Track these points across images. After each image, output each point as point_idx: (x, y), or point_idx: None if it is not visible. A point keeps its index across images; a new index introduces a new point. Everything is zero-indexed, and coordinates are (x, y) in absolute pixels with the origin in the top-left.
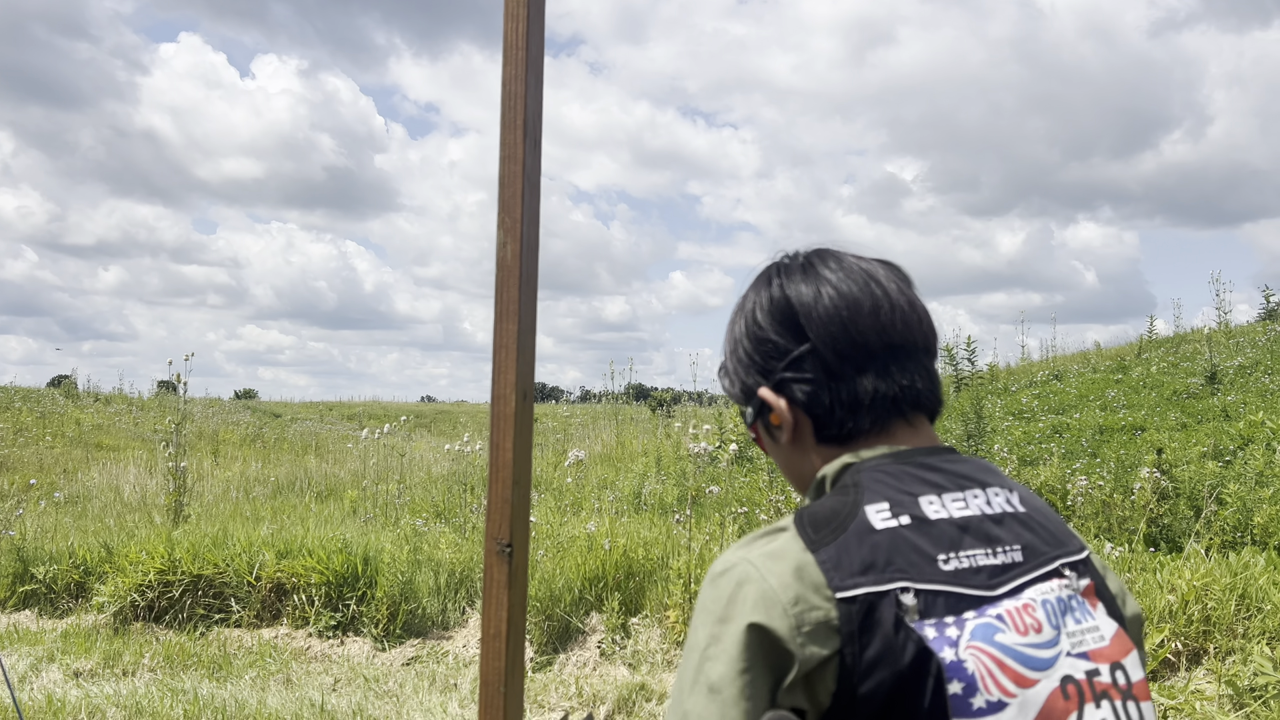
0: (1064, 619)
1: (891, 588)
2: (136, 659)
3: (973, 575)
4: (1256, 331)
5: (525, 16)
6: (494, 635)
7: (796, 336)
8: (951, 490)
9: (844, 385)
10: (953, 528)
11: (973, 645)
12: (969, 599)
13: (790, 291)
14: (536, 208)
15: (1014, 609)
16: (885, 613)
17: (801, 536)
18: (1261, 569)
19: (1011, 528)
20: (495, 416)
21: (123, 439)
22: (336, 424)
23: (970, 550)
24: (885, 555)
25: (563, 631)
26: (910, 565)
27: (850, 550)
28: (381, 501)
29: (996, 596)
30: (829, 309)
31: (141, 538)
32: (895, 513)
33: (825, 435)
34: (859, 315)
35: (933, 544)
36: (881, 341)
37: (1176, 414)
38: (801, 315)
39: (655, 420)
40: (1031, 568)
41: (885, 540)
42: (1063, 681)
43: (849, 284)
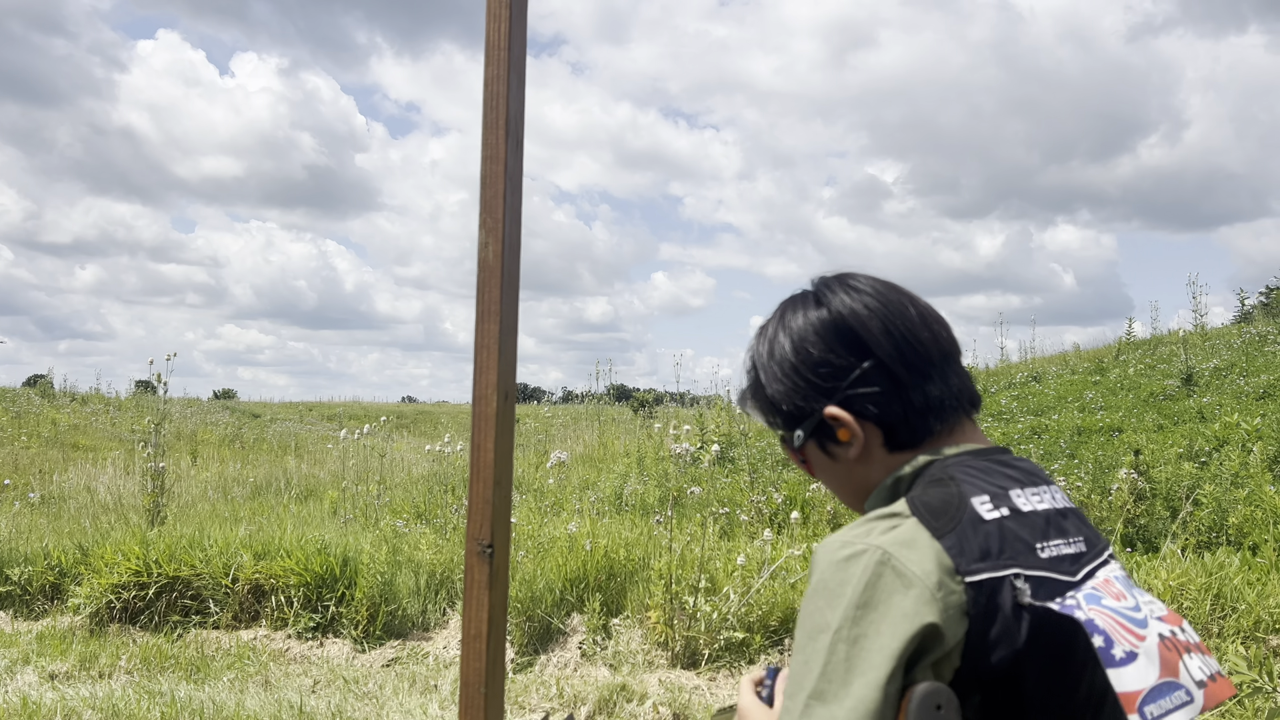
0: (1130, 591)
1: (1006, 573)
2: (113, 661)
3: (1060, 563)
4: (1232, 334)
5: (508, 17)
6: (475, 636)
7: (859, 353)
8: (1029, 485)
9: (913, 393)
10: (1040, 519)
11: (1093, 609)
12: (1062, 584)
13: (841, 311)
14: (518, 208)
15: (1100, 583)
16: (1004, 596)
17: (925, 525)
18: (1236, 569)
19: (1073, 521)
20: (477, 417)
21: (100, 439)
22: (316, 424)
23: (1055, 540)
24: (997, 544)
25: (544, 632)
26: (1018, 553)
27: (968, 538)
28: (361, 502)
29: (1079, 581)
30: (885, 322)
31: (118, 539)
32: (996, 505)
33: (896, 443)
34: (912, 325)
35: (1030, 534)
36: (937, 349)
37: (1153, 415)
38: (861, 332)
39: (637, 421)
40: (1093, 556)
41: (995, 530)
42: (1159, 638)
43: (889, 298)
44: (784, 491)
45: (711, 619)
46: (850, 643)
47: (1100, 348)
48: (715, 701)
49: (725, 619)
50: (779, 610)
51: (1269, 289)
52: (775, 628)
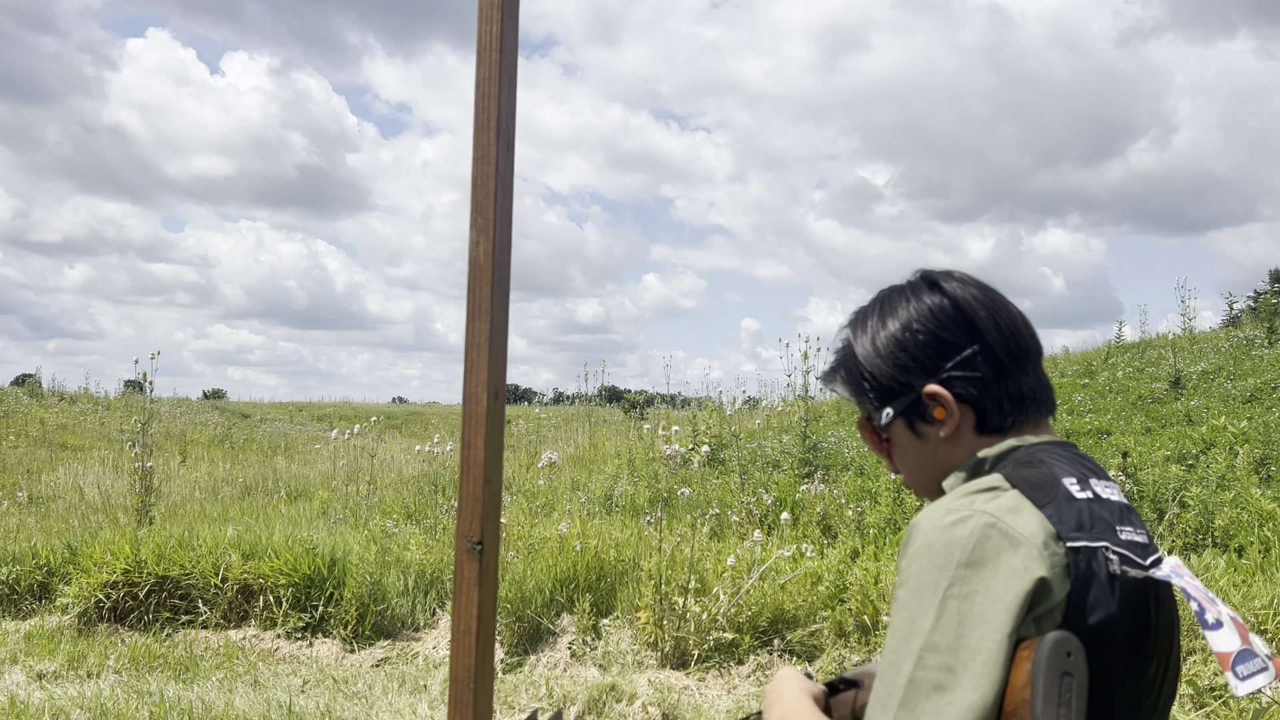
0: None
1: (1099, 545)
2: (101, 660)
3: (1134, 548)
4: (1220, 337)
5: (499, 19)
6: (464, 632)
7: (970, 336)
8: (1100, 477)
9: (1011, 381)
10: (1116, 507)
11: (1183, 580)
12: (1138, 566)
13: (954, 297)
14: (509, 208)
15: (1176, 565)
16: (1099, 565)
17: (1025, 494)
18: (1222, 570)
19: (1135, 515)
20: (467, 415)
21: (88, 439)
22: (306, 425)
23: (1129, 527)
24: (1089, 520)
25: (533, 633)
26: (1106, 531)
27: (1064, 511)
28: (351, 503)
29: (1148, 566)
30: (992, 312)
31: (106, 538)
32: (1083, 487)
33: (988, 427)
34: (1016, 321)
35: (1110, 517)
36: (1034, 345)
37: (1142, 418)
38: (974, 317)
39: (628, 422)
40: (1154, 550)
41: (1085, 508)
42: (1229, 617)
43: (995, 294)
44: (774, 493)
45: (701, 619)
46: (962, 599)
47: (1089, 351)
48: (704, 702)
49: (715, 620)
50: (768, 611)
51: (1257, 293)
52: (764, 628)
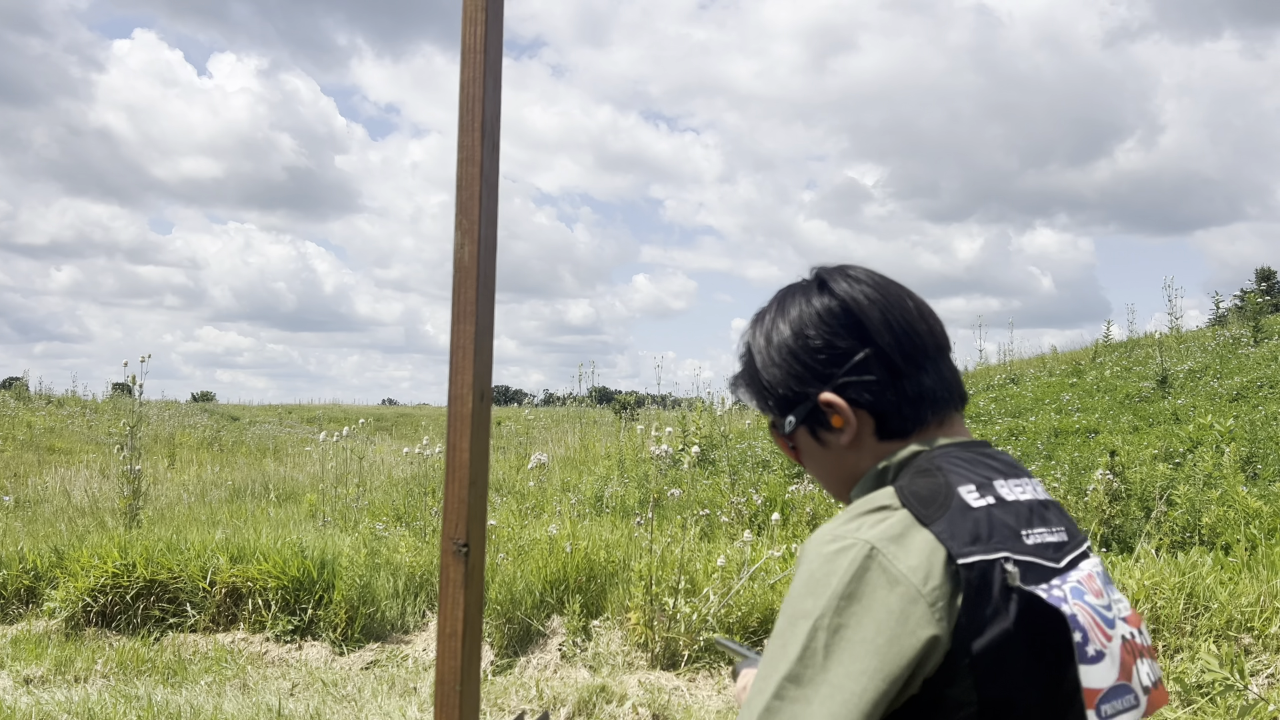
0: (1107, 589)
1: (997, 556)
2: (89, 665)
3: (1044, 550)
4: (1206, 336)
5: (484, 20)
6: (450, 634)
7: (859, 340)
8: (1011, 476)
9: (908, 383)
10: (1024, 509)
11: (1077, 602)
12: (1047, 570)
13: (844, 298)
14: (494, 209)
15: (1084, 577)
16: (994, 578)
17: (914, 513)
18: (1209, 569)
19: (1054, 512)
20: (452, 417)
21: (76, 442)
22: (296, 427)
23: (1038, 528)
24: (986, 529)
25: (523, 634)
26: (1005, 539)
27: (958, 523)
28: (340, 505)
29: (1063, 569)
30: (885, 312)
31: (94, 542)
32: (982, 493)
33: (887, 431)
34: (911, 317)
35: (1015, 521)
36: (933, 341)
37: (1129, 417)
38: (863, 319)
39: (619, 423)
40: (1074, 547)
41: (982, 517)
42: (1122, 641)
43: (888, 290)
44: (764, 493)
45: (691, 620)
46: (831, 631)
47: (1077, 350)
48: (694, 703)
49: (705, 620)
50: (759, 611)
51: (1243, 292)
52: (755, 629)
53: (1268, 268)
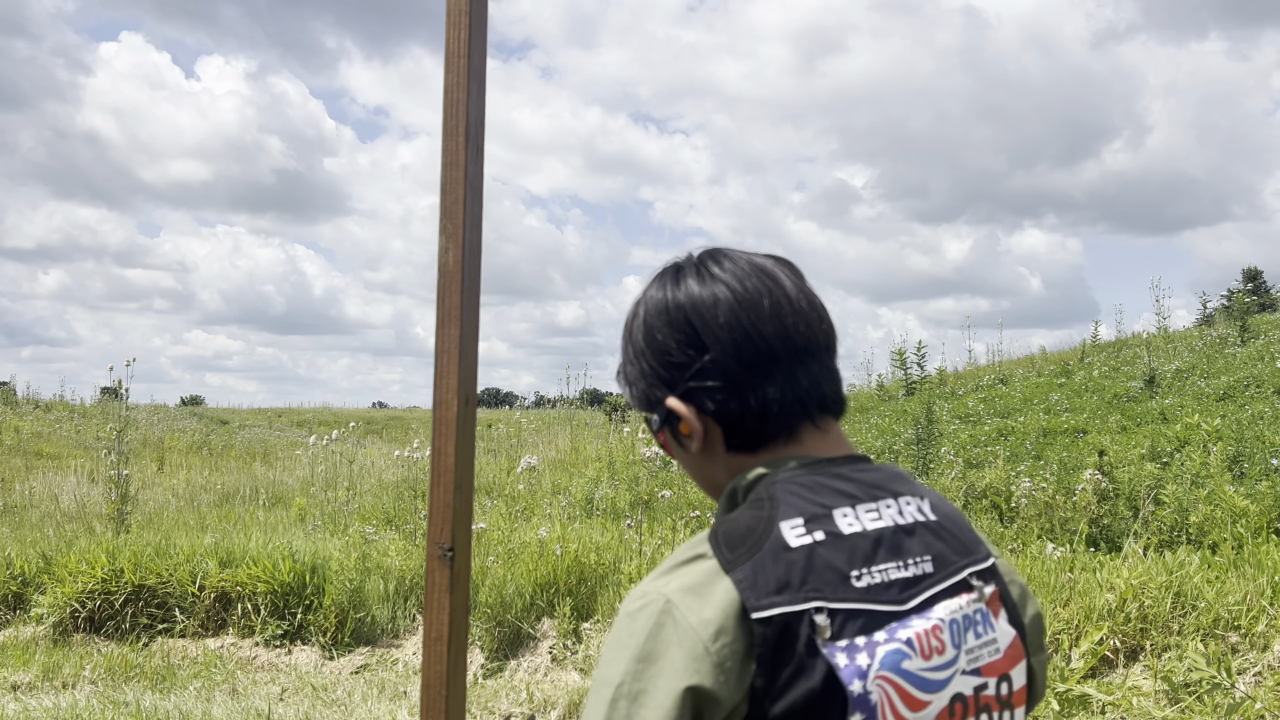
0: (966, 635)
1: (806, 608)
2: (77, 671)
3: (885, 590)
4: (1193, 336)
5: (467, 25)
6: (436, 639)
7: (698, 347)
8: (865, 501)
9: (751, 393)
10: (866, 541)
11: (880, 675)
12: (881, 615)
13: (685, 300)
14: (479, 213)
15: (923, 632)
16: (800, 632)
17: (717, 556)
18: (1196, 568)
19: (922, 538)
20: (437, 421)
21: (64, 447)
22: (285, 430)
23: (883, 564)
24: (800, 574)
25: (514, 638)
26: (824, 584)
27: (766, 569)
28: (330, 509)
29: (907, 611)
30: (729, 315)
31: (82, 547)
32: (810, 528)
33: (735, 444)
34: (760, 319)
35: (846, 560)
36: (785, 345)
37: (1117, 417)
38: (699, 326)
39: (609, 425)
40: (941, 578)
41: (800, 558)
42: (952, 700)
43: (745, 286)
44: None
45: None
46: (631, 699)
47: (1066, 350)
48: None
49: None
50: None
51: (1230, 292)
52: None
53: (1254, 268)
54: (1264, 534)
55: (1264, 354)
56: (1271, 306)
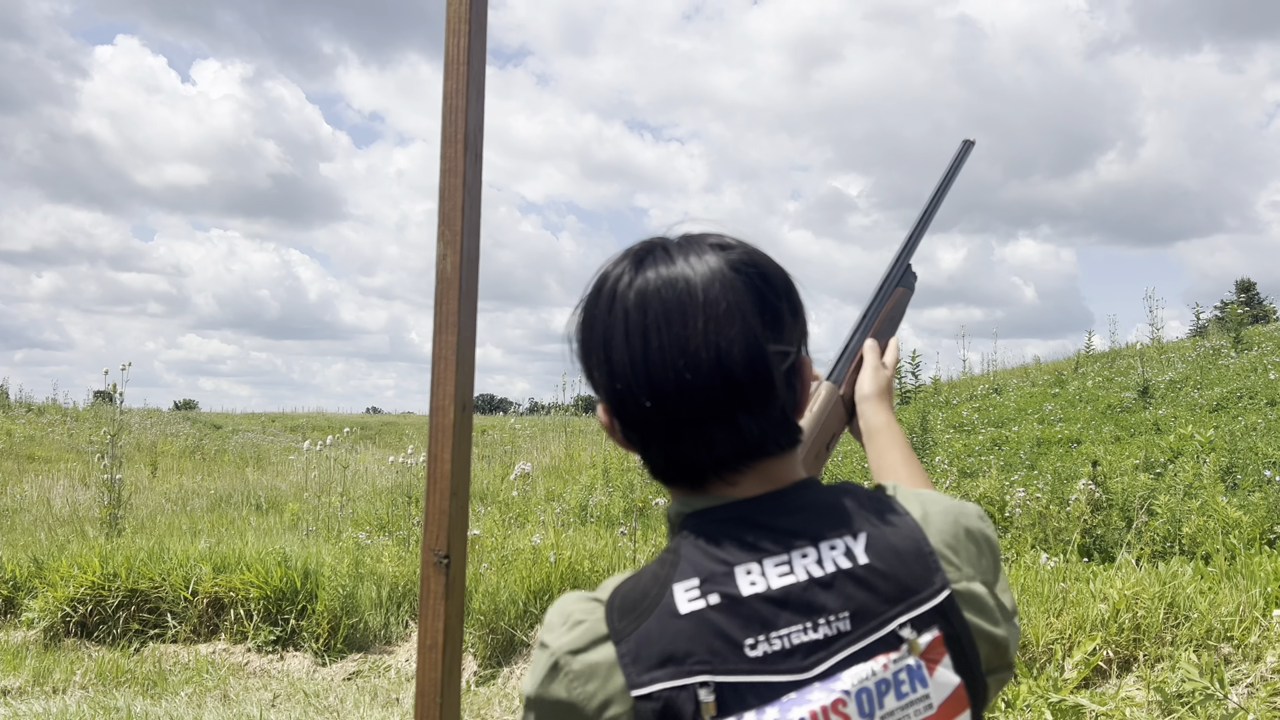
0: (883, 700)
1: (690, 682)
2: (68, 676)
3: (783, 659)
4: (1187, 347)
5: (467, 32)
6: (430, 646)
7: (608, 372)
8: (777, 554)
9: (653, 449)
10: (768, 605)
11: None
12: (777, 686)
13: (584, 325)
14: (477, 221)
15: (821, 708)
16: (684, 708)
17: (608, 623)
18: (1189, 578)
19: (842, 590)
20: (434, 428)
21: (56, 451)
22: (279, 435)
23: (785, 628)
24: (686, 645)
25: (507, 645)
26: (712, 655)
27: (651, 640)
28: (324, 514)
29: (809, 680)
30: (629, 354)
31: (74, 552)
32: (704, 591)
33: (654, 476)
34: (654, 369)
35: (741, 627)
36: (663, 417)
37: (1111, 427)
38: (610, 348)
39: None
40: (860, 636)
41: (688, 627)
42: None
43: (652, 312)
44: None
45: None
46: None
47: (1060, 360)
48: None
49: None
50: None
51: (1223, 303)
52: None
53: (1247, 279)
54: (1257, 545)
55: (1257, 365)
56: (1265, 318)
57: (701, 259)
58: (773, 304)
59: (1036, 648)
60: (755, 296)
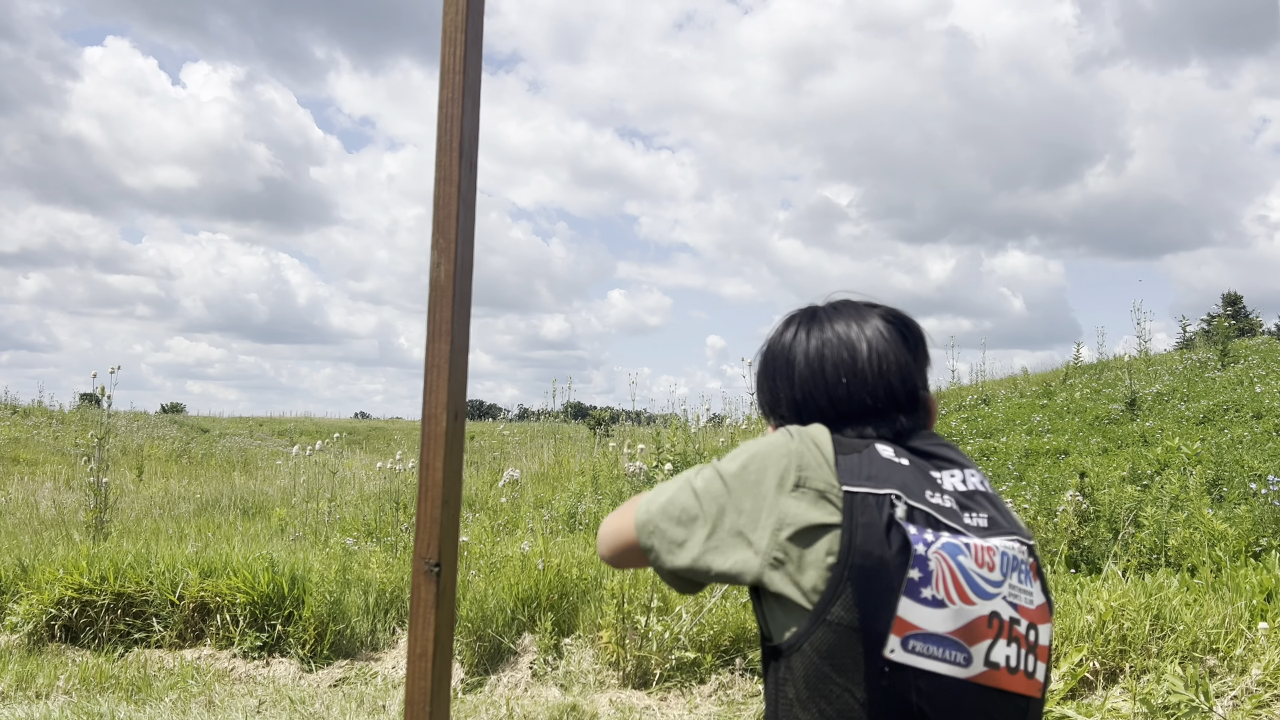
0: (1011, 573)
1: (886, 492)
2: (51, 680)
3: (949, 515)
4: (1174, 360)
5: (463, 41)
6: (420, 655)
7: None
8: (947, 466)
9: None
10: (943, 483)
11: (939, 552)
12: (945, 525)
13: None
14: (471, 229)
15: (979, 545)
16: (881, 509)
17: (833, 445)
18: (1175, 590)
19: (980, 502)
20: (426, 436)
21: (41, 453)
22: (267, 440)
23: (951, 501)
24: (885, 473)
25: (494, 652)
26: (904, 486)
27: (860, 466)
28: (311, 520)
29: (967, 533)
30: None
31: (59, 555)
32: (898, 454)
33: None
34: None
35: (924, 481)
36: (836, 411)
37: (1098, 439)
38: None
39: (593, 439)
40: (994, 532)
41: (887, 466)
42: (991, 615)
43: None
44: None
45: (663, 638)
46: None
47: (1048, 371)
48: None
49: (677, 639)
50: (730, 630)
51: (1210, 316)
52: (726, 647)
53: (1234, 293)
54: (1242, 558)
55: (1243, 378)
56: (1251, 331)
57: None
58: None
59: None
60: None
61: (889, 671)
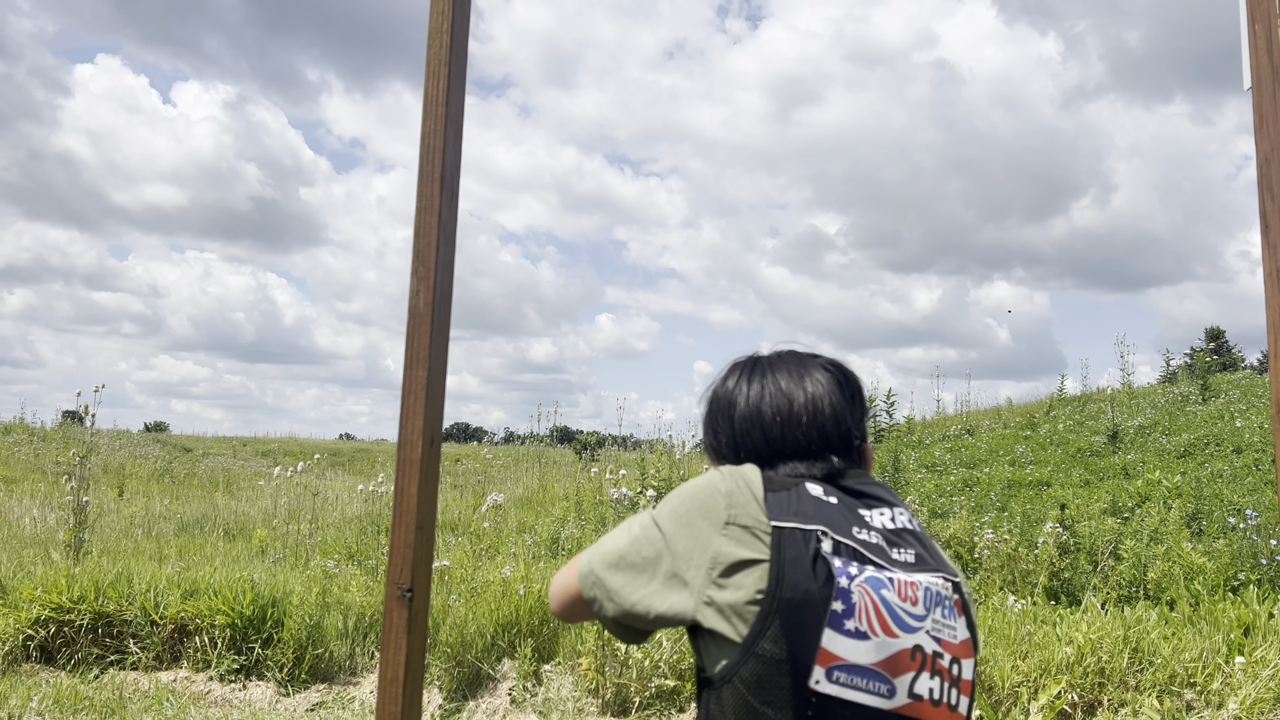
0: (935, 608)
1: (813, 528)
2: (24, 702)
3: (875, 551)
4: (1156, 393)
5: (446, 74)
6: (392, 680)
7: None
8: (875, 505)
9: None
10: (870, 520)
11: (863, 585)
12: (869, 560)
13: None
14: (451, 258)
15: (902, 580)
16: (808, 544)
17: (764, 483)
18: (1154, 623)
19: (908, 539)
20: (401, 461)
21: (21, 470)
22: (250, 460)
23: (879, 538)
24: (813, 509)
25: (473, 678)
26: (831, 523)
27: (789, 503)
28: (292, 541)
29: (890, 568)
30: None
31: (38, 575)
32: (827, 493)
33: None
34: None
35: (850, 519)
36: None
37: (1080, 471)
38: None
39: (578, 464)
40: (920, 568)
41: (815, 504)
42: (914, 648)
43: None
44: None
45: (643, 666)
46: None
47: (1032, 403)
48: None
49: (657, 666)
50: None
51: (1193, 350)
52: None
53: (1217, 327)
54: (1220, 591)
55: (1224, 412)
56: (1232, 366)
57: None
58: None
59: (1002, 690)
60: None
61: (815, 702)
